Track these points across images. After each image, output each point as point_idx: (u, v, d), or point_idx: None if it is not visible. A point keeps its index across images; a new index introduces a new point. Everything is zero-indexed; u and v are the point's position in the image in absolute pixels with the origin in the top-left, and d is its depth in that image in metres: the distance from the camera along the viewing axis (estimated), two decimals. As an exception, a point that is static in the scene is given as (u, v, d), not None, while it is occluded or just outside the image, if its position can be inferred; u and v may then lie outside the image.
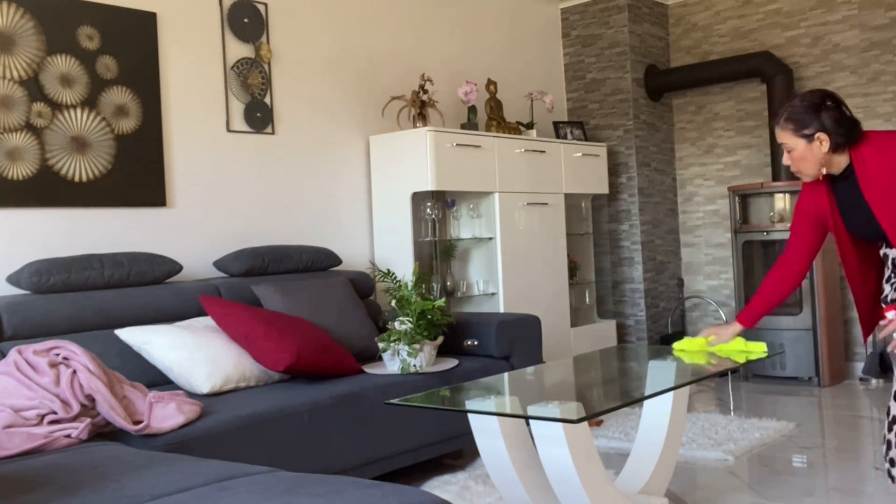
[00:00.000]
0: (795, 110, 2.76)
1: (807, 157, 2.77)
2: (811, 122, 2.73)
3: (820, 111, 2.74)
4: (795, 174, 2.86)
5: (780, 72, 5.61)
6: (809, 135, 2.74)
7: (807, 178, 2.86)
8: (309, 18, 4.59)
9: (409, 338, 3.53)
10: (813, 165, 2.78)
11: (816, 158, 2.76)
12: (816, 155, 2.76)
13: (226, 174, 4.17)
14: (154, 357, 3.20)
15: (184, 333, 3.26)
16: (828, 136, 2.72)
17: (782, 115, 2.79)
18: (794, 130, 2.76)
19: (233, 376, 3.21)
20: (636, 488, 2.88)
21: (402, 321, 3.57)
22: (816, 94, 2.80)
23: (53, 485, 1.94)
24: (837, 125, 2.73)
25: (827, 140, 2.72)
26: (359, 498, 1.63)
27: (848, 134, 2.73)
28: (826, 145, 2.73)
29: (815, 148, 2.75)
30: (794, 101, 2.80)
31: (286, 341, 3.25)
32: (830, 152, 2.74)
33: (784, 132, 2.78)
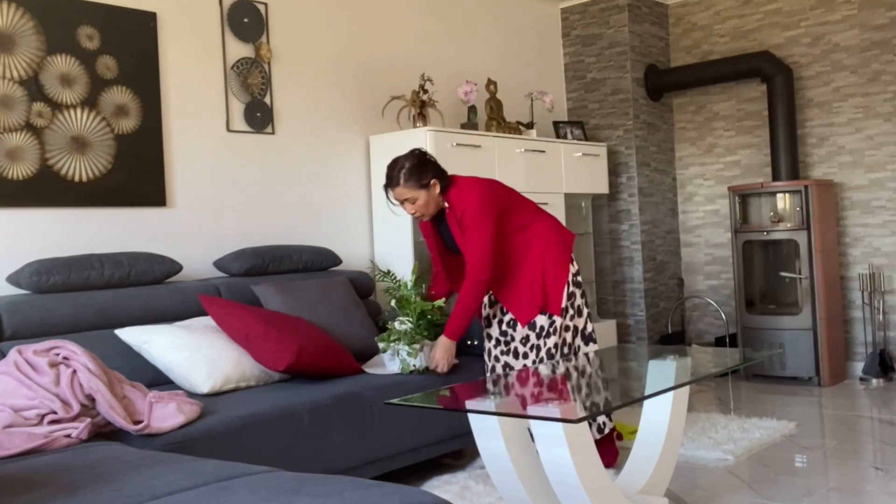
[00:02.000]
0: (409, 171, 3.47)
1: (429, 201, 3.49)
2: (424, 174, 3.47)
3: (425, 164, 3.49)
4: (419, 219, 3.60)
5: (780, 72, 5.61)
6: (426, 183, 3.47)
7: (427, 218, 3.59)
8: (309, 18, 4.59)
9: (409, 338, 3.53)
10: (433, 205, 3.51)
11: (434, 199, 3.50)
12: (433, 196, 3.49)
13: (226, 174, 4.17)
14: (154, 357, 3.20)
15: (184, 333, 3.26)
16: (438, 180, 3.49)
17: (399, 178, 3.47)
18: (415, 183, 3.46)
19: (233, 376, 3.21)
20: (636, 488, 2.87)
21: (402, 321, 3.57)
22: (415, 153, 3.53)
23: (53, 485, 1.94)
24: (438, 170, 3.51)
25: (437, 184, 3.49)
26: (359, 498, 1.63)
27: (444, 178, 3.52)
28: (438, 187, 3.49)
29: (432, 192, 3.48)
30: (402, 164, 3.49)
31: (286, 341, 3.25)
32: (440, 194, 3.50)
33: (406, 188, 3.47)
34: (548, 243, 3.57)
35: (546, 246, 3.57)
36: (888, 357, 5.39)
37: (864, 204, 5.58)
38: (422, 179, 3.47)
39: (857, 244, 5.62)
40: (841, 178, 5.66)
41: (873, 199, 5.55)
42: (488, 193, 3.50)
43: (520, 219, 3.58)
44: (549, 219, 3.68)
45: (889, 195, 5.49)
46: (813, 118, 5.75)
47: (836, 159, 5.68)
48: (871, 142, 5.54)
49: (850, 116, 5.61)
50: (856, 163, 5.60)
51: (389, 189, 3.55)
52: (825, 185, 5.49)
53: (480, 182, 3.56)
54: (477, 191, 3.49)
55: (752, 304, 5.69)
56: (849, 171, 5.63)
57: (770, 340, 5.48)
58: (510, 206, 3.57)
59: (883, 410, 4.62)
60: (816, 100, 5.73)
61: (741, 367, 4.41)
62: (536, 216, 3.64)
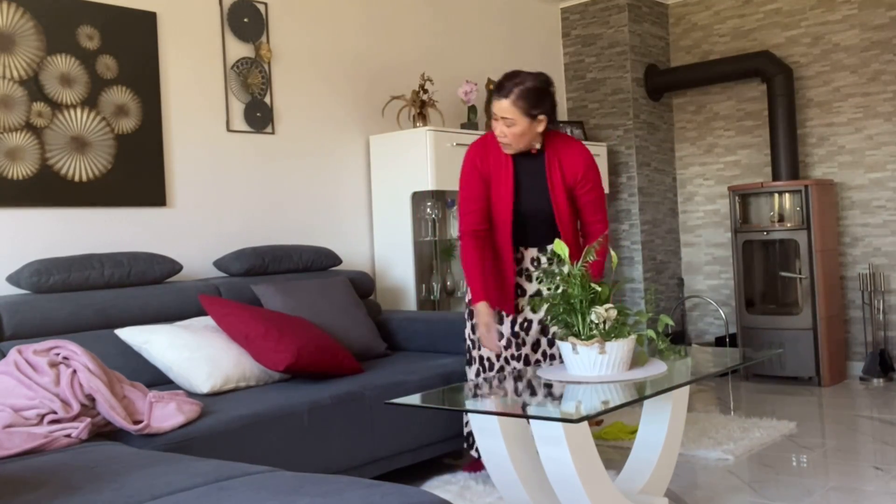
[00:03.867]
0: (527, 91, 3.01)
1: (526, 133, 3.05)
2: (540, 103, 3.02)
3: (546, 95, 3.05)
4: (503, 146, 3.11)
5: (780, 71, 5.61)
6: (535, 114, 3.03)
7: (511, 151, 3.13)
8: (309, 18, 4.59)
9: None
10: (528, 141, 3.08)
11: (532, 135, 3.06)
12: (534, 132, 3.05)
13: (226, 174, 4.17)
14: (154, 357, 3.20)
15: (183, 333, 3.26)
16: (547, 118, 3.06)
17: (512, 92, 3.01)
18: (522, 109, 3.01)
19: (233, 376, 3.21)
20: (636, 488, 2.87)
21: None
22: (543, 77, 3.07)
23: (53, 485, 1.94)
24: (553, 110, 3.08)
25: (545, 121, 3.06)
26: (359, 498, 1.63)
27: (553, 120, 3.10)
28: (543, 125, 3.05)
29: (535, 126, 3.05)
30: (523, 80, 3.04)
31: (286, 341, 3.25)
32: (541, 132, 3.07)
33: (514, 107, 3.01)
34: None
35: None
36: (888, 357, 5.39)
37: (864, 204, 5.58)
38: (533, 108, 3.04)
39: (857, 244, 5.62)
40: (841, 177, 5.66)
41: (873, 199, 5.55)
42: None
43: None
44: None
45: (889, 195, 5.49)
46: (813, 118, 5.75)
47: (836, 159, 5.68)
48: (871, 141, 5.54)
49: (850, 116, 5.61)
50: (856, 162, 5.60)
51: (496, 98, 3.07)
52: (825, 184, 5.49)
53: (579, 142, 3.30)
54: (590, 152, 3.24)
55: (752, 303, 5.69)
56: (849, 170, 5.63)
57: (770, 340, 5.48)
58: None
59: (883, 410, 4.62)
60: (816, 100, 5.73)
61: (741, 367, 4.41)
62: None
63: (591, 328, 2.66)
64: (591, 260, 2.81)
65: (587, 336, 2.66)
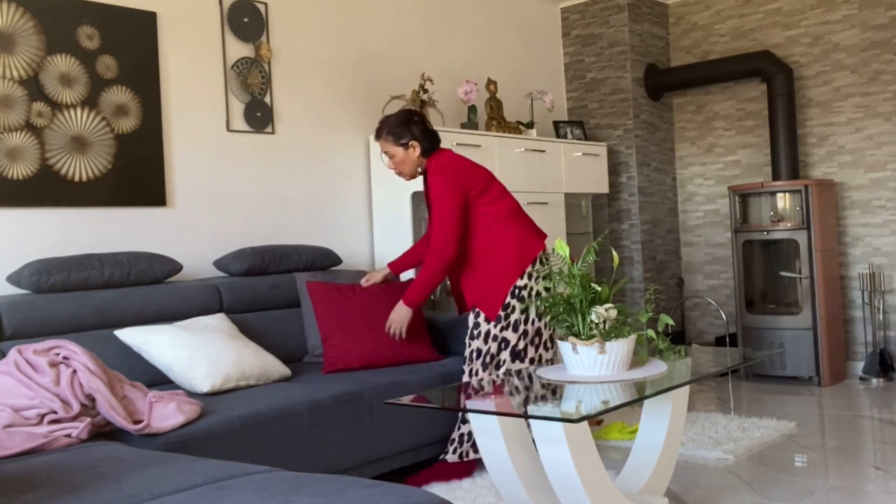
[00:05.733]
0: (391, 125, 3.59)
1: (405, 161, 3.60)
2: (406, 133, 3.57)
3: (411, 124, 3.58)
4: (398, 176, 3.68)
5: (781, 71, 5.61)
6: (405, 143, 3.57)
7: (406, 179, 3.68)
8: (309, 18, 4.59)
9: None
10: (410, 166, 3.61)
11: (411, 161, 3.59)
12: (411, 158, 3.59)
13: (226, 174, 4.17)
14: (153, 357, 3.20)
15: (183, 333, 3.25)
16: (419, 143, 3.57)
17: (382, 130, 3.61)
18: (393, 141, 3.58)
19: (232, 375, 3.21)
20: (636, 488, 2.87)
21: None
22: (405, 111, 3.65)
23: (53, 485, 1.94)
24: (424, 136, 3.58)
25: (418, 147, 3.57)
26: (359, 498, 1.63)
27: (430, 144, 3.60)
28: (417, 150, 3.57)
29: (411, 153, 3.58)
30: (390, 118, 3.62)
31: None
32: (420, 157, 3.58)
33: (385, 142, 3.60)
34: (509, 245, 3.53)
35: (507, 247, 3.53)
36: (888, 357, 5.39)
37: (864, 203, 5.58)
38: (401, 138, 3.56)
39: (857, 244, 5.62)
40: (841, 177, 5.66)
41: (873, 199, 5.55)
42: (459, 174, 3.52)
43: (493, 210, 3.55)
44: (523, 222, 3.62)
45: (889, 195, 5.49)
46: (813, 118, 5.75)
47: (836, 159, 5.68)
48: (871, 141, 5.54)
49: (850, 116, 5.61)
50: (856, 162, 5.60)
51: (377, 141, 3.66)
52: (825, 184, 5.49)
53: (456, 159, 3.58)
54: (450, 168, 3.53)
55: (752, 303, 5.69)
56: (849, 170, 5.63)
57: (770, 340, 5.48)
58: (484, 195, 3.55)
59: (883, 410, 4.62)
60: (816, 99, 5.73)
61: (741, 366, 4.41)
62: (512, 215, 3.59)
63: (591, 328, 2.67)
64: (592, 260, 2.81)
65: (587, 336, 2.66)
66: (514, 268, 3.53)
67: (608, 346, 2.64)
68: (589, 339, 2.64)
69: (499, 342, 3.53)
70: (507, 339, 3.53)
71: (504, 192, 3.64)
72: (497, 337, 3.52)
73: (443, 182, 3.48)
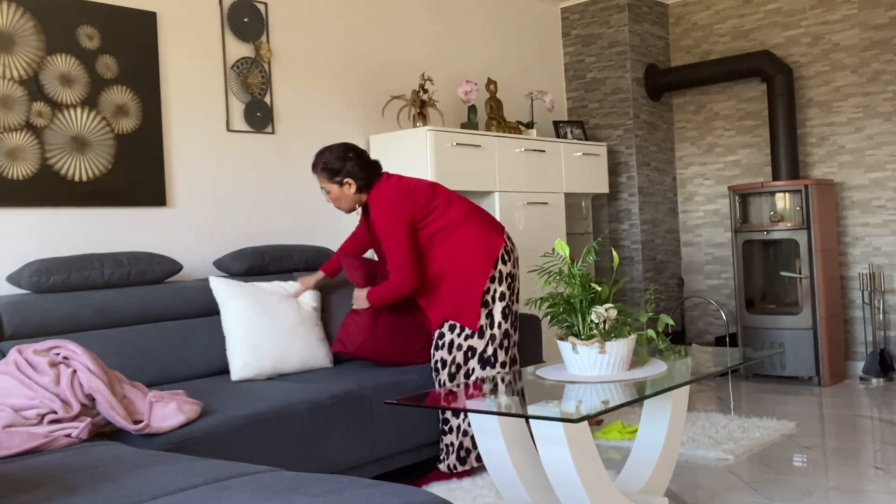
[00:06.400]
0: (325, 163, 3.50)
1: (341, 197, 3.52)
2: (339, 171, 3.49)
3: (345, 161, 3.49)
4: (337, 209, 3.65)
5: (780, 71, 5.61)
6: (339, 181, 3.50)
7: (345, 212, 3.64)
8: (309, 18, 4.59)
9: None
10: (347, 202, 3.54)
11: (347, 197, 3.52)
12: (346, 194, 3.51)
13: (226, 174, 4.17)
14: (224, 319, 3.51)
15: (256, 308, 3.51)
16: (354, 180, 3.49)
17: (317, 166, 3.52)
18: (327, 178, 3.51)
19: (265, 370, 3.45)
20: (636, 488, 2.87)
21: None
22: (342, 146, 3.54)
23: (53, 484, 1.94)
24: (359, 171, 3.50)
25: (353, 184, 3.49)
26: (359, 498, 1.63)
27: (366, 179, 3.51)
28: (353, 187, 3.50)
29: (346, 190, 3.51)
30: (325, 154, 3.53)
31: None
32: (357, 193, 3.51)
33: (321, 178, 3.53)
34: (469, 251, 3.49)
35: (469, 254, 3.48)
36: (888, 356, 5.39)
37: (864, 203, 5.58)
38: (335, 175, 3.51)
39: (857, 244, 5.62)
40: (841, 177, 5.66)
41: (873, 199, 5.55)
42: (399, 203, 3.45)
43: (444, 223, 3.50)
44: (478, 222, 3.56)
45: (889, 195, 5.49)
46: (813, 118, 5.75)
47: (836, 159, 5.68)
48: (871, 141, 5.54)
49: (851, 116, 5.61)
50: (856, 162, 5.60)
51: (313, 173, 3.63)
52: (825, 184, 5.49)
53: (395, 189, 3.49)
54: (388, 200, 3.45)
55: (752, 303, 5.69)
56: (849, 170, 5.63)
57: (770, 340, 5.48)
58: (430, 213, 3.49)
59: (883, 410, 4.62)
60: (816, 99, 5.73)
61: (741, 366, 4.41)
62: (465, 219, 3.53)
63: (591, 328, 2.66)
64: (592, 260, 2.81)
65: (587, 336, 2.66)
66: (481, 273, 3.47)
67: (608, 346, 2.63)
68: (589, 339, 2.64)
69: (464, 351, 3.47)
70: (473, 347, 3.47)
71: (451, 198, 3.57)
72: (462, 346, 3.47)
73: (385, 216, 3.43)
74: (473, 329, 3.46)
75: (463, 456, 3.47)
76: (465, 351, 3.47)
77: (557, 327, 2.77)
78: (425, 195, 3.51)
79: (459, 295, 3.47)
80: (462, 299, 3.47)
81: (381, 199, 3.46)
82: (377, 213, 3.45)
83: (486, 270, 3.48)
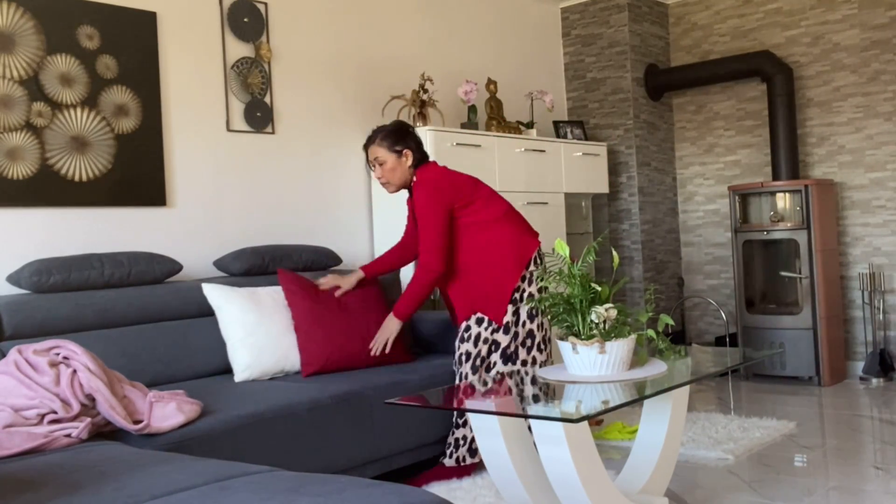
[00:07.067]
0: (388, 132, 3.57)
1: (396, 168, 3.56)
2: (401, 140, 3.56)
3: (406, 134, 3.59)
4: (385, 188, 3.64)
5: (781, 71, 5.61)
6: (399, 150, 3.55)
7: (392, 190, 3.63)
8: (309, 18, 4.59)
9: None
10: (399, 175, 3.57)
11: (402, 169, 3.57)
12: (403, 166, 3.56)
13: (226, 174, 4.17)
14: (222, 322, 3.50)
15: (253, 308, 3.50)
16: (412, 153, 3.56)
17: (377, 136, 3.58)
18: (387, 146, 3.55)
19: (269, 370, 3.46)
20: (636, 488, 2.87)
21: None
22: (400, 122, 3.66)
23: (53, 484, 1.94)
24: (418, 147, 3.60)
25: (411, 156, 3.56)
26: (359, 498, 1.63)
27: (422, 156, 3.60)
28: (410, 159, 3.56)
29: (403, 161, 3.56)
30: (385, 126, 3.62)
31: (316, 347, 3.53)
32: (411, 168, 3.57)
33: (379, 147, 3.57)
34: (504, 248, 3.54)
35: (503, 251, 3.54)
36: (888, 356, 5.39)
37: (864, 203, 5.58)
38: (396, 144, 3.55)
39: (857, 244, 5.62)
40: (841, 177, 5.66)
41: (873, 199, 5.55)
42: (441, 187, 3.51)
43: (483, 217, 3.56)
44: (514, 222, 3.62)
45: (889, 195, 5.49)
46: (813, 118, 5.75)
47: (836, 159, 5.68)
48: (871, 141, 5.54)
49: (851, 116, 5.61)
50: (856, 162, 5.60)
51: (367, 148, 3.63)
52: (825, 184, 5.49)
53: (441, 174, 3.57)
54: (432, 182, 3.52)
55: (752, 303, 5.69)
56: (849, 170, 5.63)
57: (770, 340, 5.48)
58: (471, 205, 3.55)
59: (883, 410, 4.62)
60: (816, 99, 5.73)
61: (741, 366, 4.41)
62: (504, 217, 3.60)
63: (591, 328, 2.67)
64: (592, 260, 2.81)
65: (587, 336, 2.66)
66: (513, 270, 3.54)
67: (608, 346, 2.63)
68: (589, 339, 2.64)
69: (489, 344, 3.53)
70: (497, 342, 3.54)
71: (493, 196, 3.63)
72: (488, 340, 3.53)
73: (426, 196, 3.49)
74: (499, 324, 3.52)
75: (475, 448, 3.51)
76: (490, 344, 3.52)
77: (557, 327, 2.77)
78: (469, 187, 3.59)
79: (490, 290, 3.53)
80: (492, 294, 3.52)
81: (426, 181, 3.53)
82: (420, 193, 3.50)
83: (518, 269, 3.54)
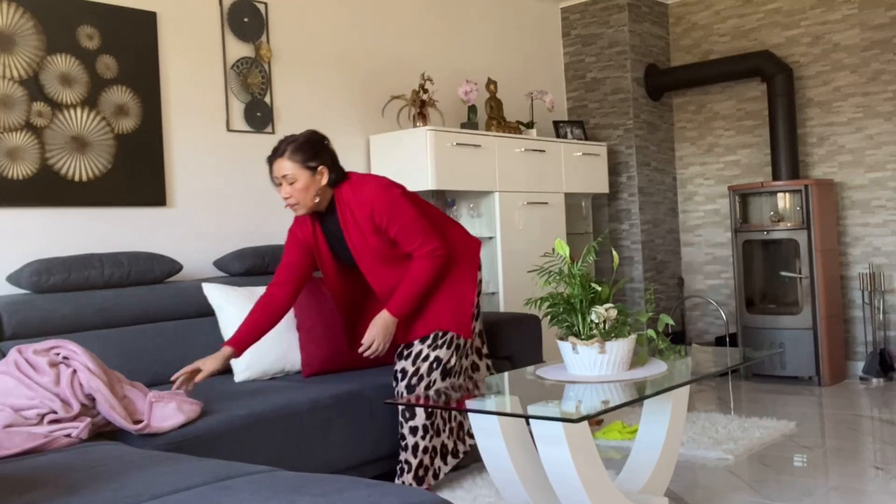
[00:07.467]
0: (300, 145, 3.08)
1: (309, 188, 3.09)
2: (316, 156, 3.09)
3: (321, 148, 3.12)
4: (293, 209, 3.13)
5: (781, 71, 5.61)
6: (314, 166, 3.08)
7: (302, 211, 3.14)
8: (309, 18, 4.59)
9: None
10: (311, 196, 3.10)
11: (316, 189, 3.10)
12: (317, 185, 3.10)
13: (226, 174, 4.17)
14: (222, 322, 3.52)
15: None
16: (328, 169, 3.11)
17: (287, 149, 3.07)
18: (300, 162, 3.06)
19: (269, 371, 3.46)
20: (636, 488, 2.87)
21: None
22: (314, 132, 3.18)
23: (53, 485, 1.94)
24: (334, 162, 3.15)
25: (326, 173, 3.10)
26: (359, 498, 1.63)
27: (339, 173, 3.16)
28: (326, 177, 3.10)
29: (318, 179, 3.10)
30: (296, 138, 3.11)
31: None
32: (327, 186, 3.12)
33: (290, 162, 3.06)
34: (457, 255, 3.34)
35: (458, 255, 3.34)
36: (888, 356, 5.39)
37: (864, 203, 5.58)
38: (310, 160, 3.08)
39: (857, 244, 5.62)
40: (841, 177, 5.66)
41: (873, 199, 5.55)
42: (393, 183, 3.22)
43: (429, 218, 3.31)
44: (457, 226, 3.44)
45: (889, 195, 5.49)
46: (813, 118, 5.75)
47: (836, 159, 5.68)
48: (871, 141, 5.54)
49: (851, 116, 5.61)
50: (856, 162, 5.60)
51: (273, 161, 3.12)
52: (825, 184, 5.49)
53: (378, 177, 3.26)
54: (379, 184, 3.17)
55: (752, 303, 5.69)
56: (849, 170, 5.63)
57: (770, 340, 5.48)
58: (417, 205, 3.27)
59: (883, 410, 4.62)
60: (816, 99, 5.73)
61: (741, 366, 4.41)
62: (447, 219, 3.42)
63: (591, 328, 2.67)
64: (592, 260, 2.81)
65: (587, 336, 2.66)
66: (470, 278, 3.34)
67: (608, 346, 2.63)
68: (589, 339, 2.65)
69: (430, 362, 3.24)
70: (439, 358, 3.25)
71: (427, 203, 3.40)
72: (428, 357, 3.24)
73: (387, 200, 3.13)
74: (469, 337, 3.33)
75: (421, 475, 3.21)
76: (430, 361, 3.24)
77: (557, 327, 2.77)
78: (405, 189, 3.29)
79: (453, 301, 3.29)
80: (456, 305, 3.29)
81: (370, 189, 3.15)
82: (374, 203, 3.12)
83: (473, 275, 3.36)
